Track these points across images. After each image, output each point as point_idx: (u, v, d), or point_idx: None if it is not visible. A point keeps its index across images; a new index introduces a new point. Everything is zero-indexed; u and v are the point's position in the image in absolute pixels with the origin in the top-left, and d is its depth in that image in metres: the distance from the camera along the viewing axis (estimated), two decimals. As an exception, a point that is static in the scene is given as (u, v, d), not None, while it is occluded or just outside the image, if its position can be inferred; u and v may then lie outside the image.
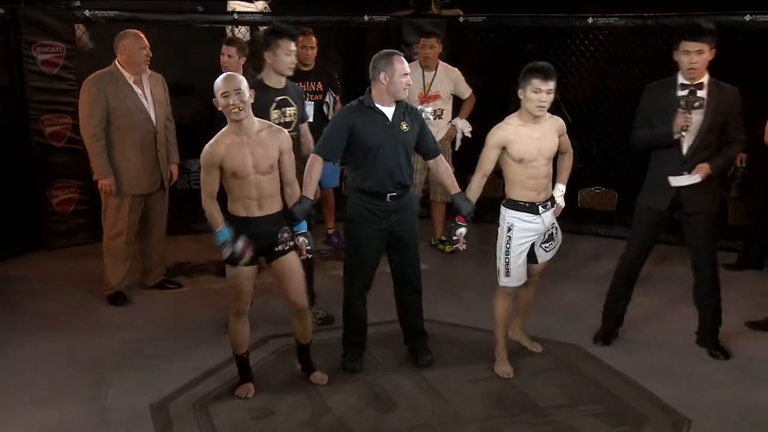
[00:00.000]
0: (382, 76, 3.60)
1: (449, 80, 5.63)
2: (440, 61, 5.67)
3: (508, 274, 3.77)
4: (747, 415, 3.49)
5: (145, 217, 4.79)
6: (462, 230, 3.69)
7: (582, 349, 4.09)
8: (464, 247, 3.71)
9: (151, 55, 4.59)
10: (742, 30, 5.49)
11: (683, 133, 3.73)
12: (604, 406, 3.55)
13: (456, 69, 5.70)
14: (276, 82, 4.08)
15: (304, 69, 5.36)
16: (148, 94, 4.64)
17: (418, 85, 5.55)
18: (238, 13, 6.48)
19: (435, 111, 5.60)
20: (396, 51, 3.68)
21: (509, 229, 3.72)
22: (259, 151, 3.38)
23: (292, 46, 4.00)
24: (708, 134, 3.80)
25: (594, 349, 4.09)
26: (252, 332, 3.66)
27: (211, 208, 3.39)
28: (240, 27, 6.28)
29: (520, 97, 3.64)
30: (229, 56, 4.89)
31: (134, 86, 4.59)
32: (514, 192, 3.72)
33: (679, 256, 4.34)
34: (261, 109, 3.98)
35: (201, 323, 4.43)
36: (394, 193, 3.68)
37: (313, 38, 5.39)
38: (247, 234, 3.39)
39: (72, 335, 4.27)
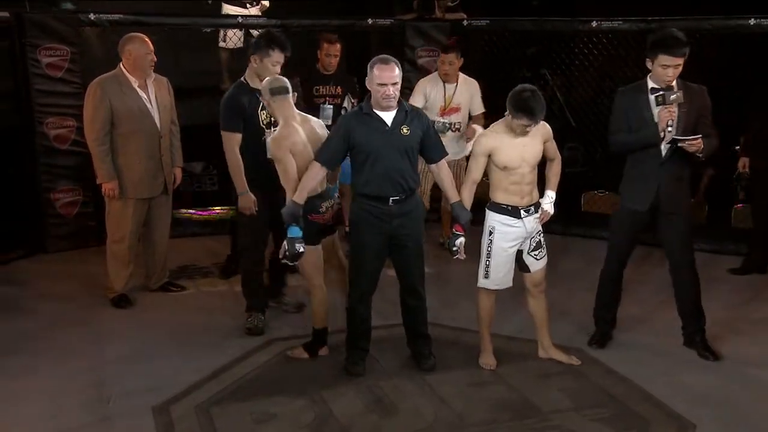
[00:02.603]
0: (367, 82, 3.62)
1: (468, 92, 5.54)
2: (460, 73, 5.57)
3: (487, 276, 3.81)
4: (748, 419, 3.47)
5: (148, 220, 4.78)
6: (462, 240, 3.71)
7: (585, 353, 4.07)
8: (464, 256, 3.73)
9: (156, 60, 4.59)
10: (746, 34, 5.48)
11: (669, 128, 3.71)
12: (608, 411, 3.53)
13: (475, 81, 5.59)
14: (259, 84, 4.08)
15: (326, 73, 5.47)
16: (153, 99, 4.63)
17: (439, 98, 5.50)
18: (243, 16, 6.48)
19: (453, 124, 5.51)
20: (384, 57, 3.60)
21: (491, 232, 3.77)
22: None
23: (281, 58, 4.03)
24: (684, 135, 3.78)
25: (597, 353, 4.08)
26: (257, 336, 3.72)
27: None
28: (233, 32, 6.31)
29: (508, 116, 3.65)
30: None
31: (139, 90, 4.58)
32: (497, 195, 3.77)
33: (659, 257, 4.34)
34: (249, 112, 4.04)
35: (204, 326, 4.42)
36: (397, 197, 3.66)
37: (338, 45, 5.46)
38: None
39: (75, 338, 4.26)
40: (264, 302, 4.39)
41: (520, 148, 3.68)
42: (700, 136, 3.72)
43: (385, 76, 3.54)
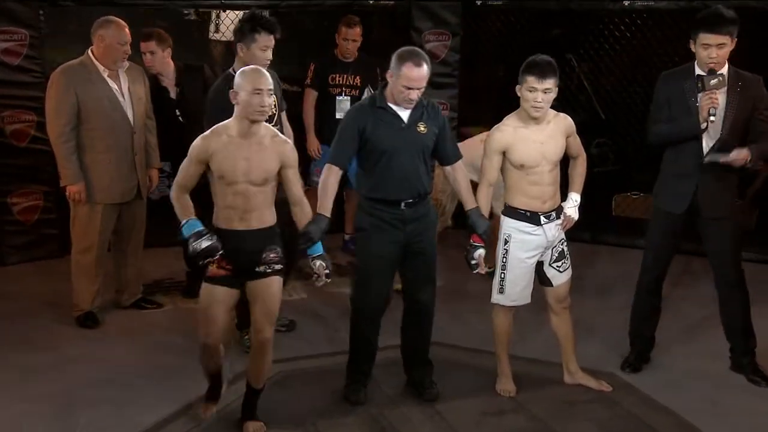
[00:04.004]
0: (389, 74, 3.62)
1: None
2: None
3: (501, 291, 3.83)
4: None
5: (119, 228, 4.80)
6: (481, 251, 3.73)
7: (618, 378, 4.09)
8: (484, 270, 3.77)
9: (129, 52, 4.62)
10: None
11: (712, 118, 3.73)
12: (643, 444, 3.55)
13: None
14: None
15: (344, 60, 5.59)
16: (126, 90, 4.66)
17: None
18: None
19: None
20: (416, 54, 3.56)
21: (506, 241, 3.80)
22: (257, 159, 3.35)
23: (270, 41, 4.06)
24: (732, 132, 3.81)
25: (632, 378, 4.09)
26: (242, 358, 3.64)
27: (180, 198, 3.41)
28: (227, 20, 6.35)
29: (518, 94, 3.68)
30: (150, 53, 4.91)
31: (109, 80, 4.60)
32: (515, 199, 3.78)
33: (701, 267, 4.37)
34: None
35: (183, 348, 4.42)
36: (410, 200, 3.69)
37: (358, 29, 5.62)
38: (227, 251, 3.36)
39: (35, 364, 4.26)
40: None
41: (538, 144, 3.69)
42: (745, 151, 3.73)
43: (415, 77, 3.53)
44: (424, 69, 3.55)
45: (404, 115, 3.66)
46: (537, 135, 3.70)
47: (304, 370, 4.18)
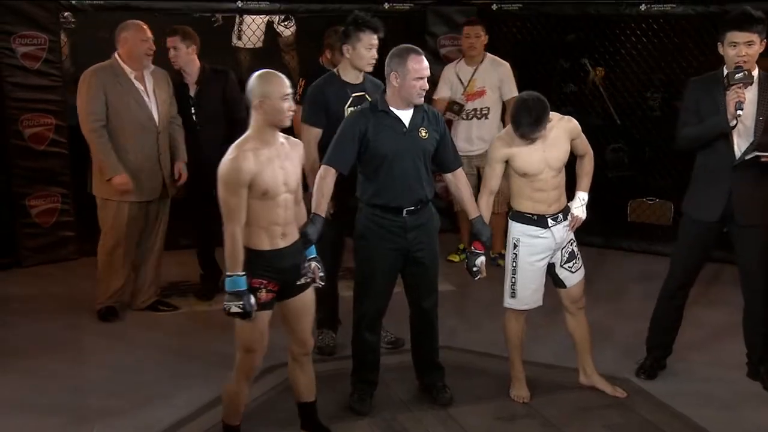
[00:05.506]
0: (393, 76, 3.59)
1: (496, 75, 5.65)
2: (487, 54, 5.73)
3: (513, 295, 3.82)
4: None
5: (142, 227, 4.83)
6: (482, 259, 3.74)
7: (633, 384, 4.05)
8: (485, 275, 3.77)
9: (154, 48, 4.68)
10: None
11: (739, 112, 3.68)
12: (658, 451, 3.52)
13: (506, 63, 5.72)
14: (353, 77, 4.16)
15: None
16: (151, 92, 4.72)
17: (460, 81, 5.67)
18: (242, 0, 6.54)
19: (480, 110, 5.65)
20: (413, 48, 3.62)
21: (515, 245, 3.79)
22: (288, 165, 3.20)
23: (374, 40, 4.09)
24: (764, 135, 3.76)
25: (647, 384, 4.06)
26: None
27: (237, 242, 3.08)
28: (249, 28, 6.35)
29: None
30: (174, 48, 4.90)
31: (136, 82, 4.68)
32: (521, 204, 3.77)
33: (731, 275, 4.32)
34: (336, 107, 4.08)
35: (197, 351, 4.44)
36: (412, 208, 3.67)
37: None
38: (274, 271, 3.18)
39: (50, 367, 4.28)
40: (336, 317, 4.46)
41: (541, 152, 3.68)
42: None
43: (423, 68, 3.57)
44: (425, 57, 3.62)
45: (406, 119, 3.64)
46: (539, 142, 3.69)
47: (318, 374, 4.14)
